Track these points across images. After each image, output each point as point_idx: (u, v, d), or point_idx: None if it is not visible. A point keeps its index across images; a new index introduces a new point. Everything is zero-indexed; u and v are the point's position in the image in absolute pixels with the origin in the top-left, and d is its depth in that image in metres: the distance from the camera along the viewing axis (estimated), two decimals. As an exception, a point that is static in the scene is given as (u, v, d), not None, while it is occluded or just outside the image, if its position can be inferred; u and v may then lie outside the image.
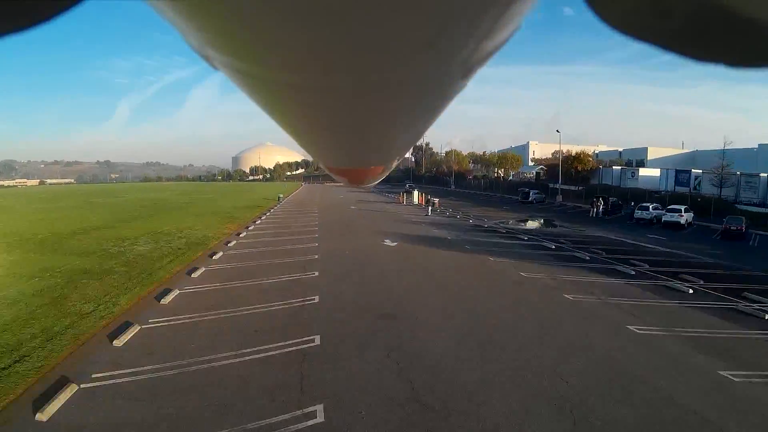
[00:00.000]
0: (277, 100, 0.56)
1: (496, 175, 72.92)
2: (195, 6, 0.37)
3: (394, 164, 1.09)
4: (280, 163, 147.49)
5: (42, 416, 6.42)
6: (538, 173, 65.77)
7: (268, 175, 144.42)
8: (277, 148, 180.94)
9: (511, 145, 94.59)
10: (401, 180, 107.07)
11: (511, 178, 69.73)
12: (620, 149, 78.37)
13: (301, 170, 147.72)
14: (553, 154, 69.10)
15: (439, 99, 0.60)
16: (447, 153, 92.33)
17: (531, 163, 77.23)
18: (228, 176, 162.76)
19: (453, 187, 74.33)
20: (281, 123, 0.70)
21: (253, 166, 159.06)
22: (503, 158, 71.96)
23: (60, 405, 6.73)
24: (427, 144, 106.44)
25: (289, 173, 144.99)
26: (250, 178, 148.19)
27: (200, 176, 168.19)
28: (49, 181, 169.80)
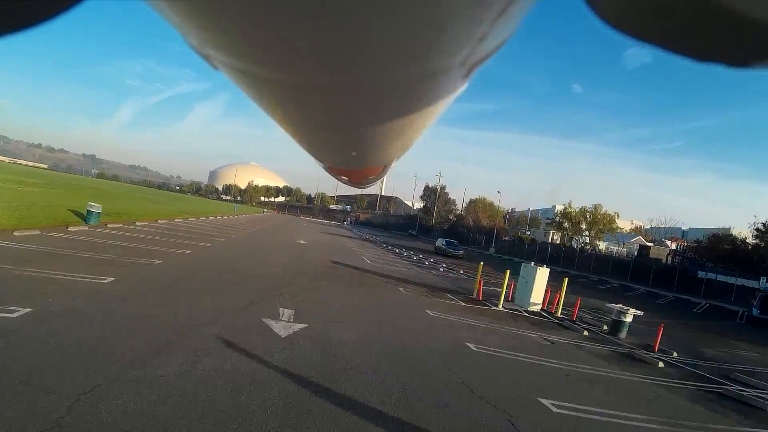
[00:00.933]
0: (277, 100, 0.57)
1: (562, 237, 47.40)
2: (195, 5, 0.37)
3: (394, 164, 1.08)
4: (256, 185, 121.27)
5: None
6: (646, 247, 40.07)
7: (238, 197, 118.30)
8: (262, 170, 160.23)
9: (514, 207, 74.39)
10: (403, 228, 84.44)
11: (597, 248, 44.27)
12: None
13: (281, 198, 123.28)
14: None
15: (439, 99, 0.60)
16: (473, 202, 66.79)
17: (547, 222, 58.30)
18: (197, 190, 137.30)
19: (493, 250, 47.54)
20: (281, 123, 0.70)
21: (226, 184, 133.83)
22: (585, 214, 44.78)
23: None
24: (443, 188, 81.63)
25: (264, 198, 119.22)
26: (224, 197, 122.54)
27: (178, 186, 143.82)
28: (20, 161, 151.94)
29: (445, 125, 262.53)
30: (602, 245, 45.47)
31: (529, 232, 59.78)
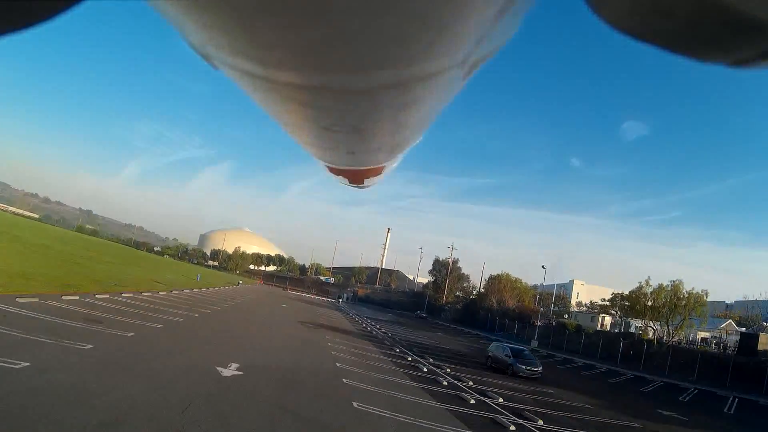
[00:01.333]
0: (277, 99, 0.56)
1: (623, 325, 35.34)
2: (195, 4, 0.37)
3: (394, 164, 1.06)
4: (243, 252, 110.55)
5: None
6: (751, 336, 28.37)
7: (225, 264, 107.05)
8: (255, 237, 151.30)
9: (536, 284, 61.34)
10: (407, 307, 70.70)
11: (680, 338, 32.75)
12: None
13: (272, 267, 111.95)
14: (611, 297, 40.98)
15: (439, 99, 0.61)
16: (495, 278, 55.76)
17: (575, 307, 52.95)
18: (183, 253, 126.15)
19: (536, 343, 35.82)
20: (281, 123, 0.71)
21: (214, 249, 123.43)
22: (662, 294, 32.58)
23: None
24: (456, 261, 71.07)
25: (254, 266, 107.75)
26: (210, 262, 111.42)
27: (158, 248, 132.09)
28: (12, 208, 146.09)
29: (444, 199, 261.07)
30: (686, 333, 33.90)
31: (567, 317, 48.05)
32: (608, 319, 43.10)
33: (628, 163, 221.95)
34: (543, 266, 44.21)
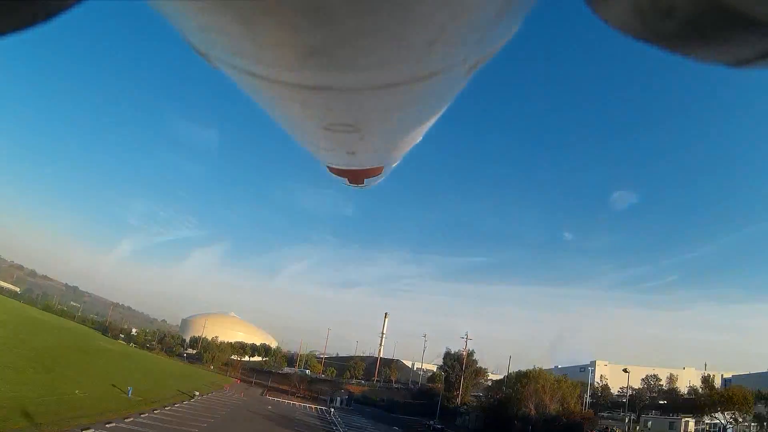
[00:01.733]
0: (278, 100, 0.57)
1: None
2: (195, 4, 0.37)
3: (394, 164, 1.08)
4: (221, 342, 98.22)
5: None
6: None
7: (200, 355, 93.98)
8: (241, 323, 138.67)
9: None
10: (414, 410, 57.81)
11: None
12: None
13: (257, 357, 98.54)
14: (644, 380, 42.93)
15: (439, 99, 0.61)
16: (525, 375, 44.67)
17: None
18: (161, 340, 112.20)
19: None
20: (281, 122, 0.73)
21: (194, 335, 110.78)
22: None
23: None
24: (471, 353, 59.98)
25: (234, 356, 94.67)
26: (190, 350, 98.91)
27: (122, 336, 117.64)
28: None
29: (440, 279, 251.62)
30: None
31: (628, 421, 36.75)
32: (692, 424, 33.13)
33: (620, 232, 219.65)
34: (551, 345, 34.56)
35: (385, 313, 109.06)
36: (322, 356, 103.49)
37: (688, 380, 50.94)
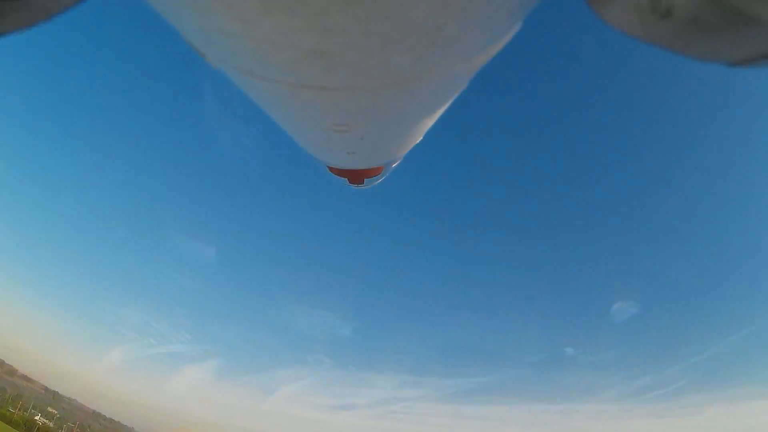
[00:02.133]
0: (278, 100, 0.56)
1: None
2: (194, 3, 0.37)
3: (394, 164, 1.08)
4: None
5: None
6: None
7: None
8: None
9: None
10: None
11: None
12: None
13: None
14: None
15: (439, 99, 0.61)
16: None
17: None
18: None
19: None
20: (281, 122, 0.72)
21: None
22: None
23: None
24: None
25: None
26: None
27: None
28: None
29: (439, 401, 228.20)
30: None
31: None
32: None
33: (621, 344, 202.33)
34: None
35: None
36: None
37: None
